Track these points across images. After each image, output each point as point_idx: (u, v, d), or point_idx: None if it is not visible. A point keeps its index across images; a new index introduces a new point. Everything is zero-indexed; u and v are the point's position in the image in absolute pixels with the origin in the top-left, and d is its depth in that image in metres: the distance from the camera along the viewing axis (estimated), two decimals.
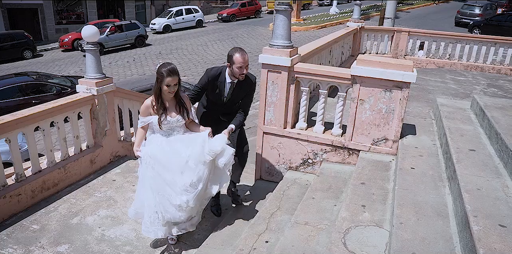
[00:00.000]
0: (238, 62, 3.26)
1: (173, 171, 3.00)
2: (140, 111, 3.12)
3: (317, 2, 35.46)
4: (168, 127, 3.05)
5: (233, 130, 3.40)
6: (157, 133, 3.12)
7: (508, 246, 1.98)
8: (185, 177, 2.99)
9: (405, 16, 26.98)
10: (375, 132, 3.88)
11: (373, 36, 9.24)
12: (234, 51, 3.32)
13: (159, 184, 3.02)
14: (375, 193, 3.13)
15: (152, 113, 3.03)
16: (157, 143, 3.07)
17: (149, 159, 3.02)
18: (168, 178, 3.00)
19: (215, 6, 34.54)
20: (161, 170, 3.00)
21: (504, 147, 3.03)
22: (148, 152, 3.05)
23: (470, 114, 4.27)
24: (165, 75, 2.89)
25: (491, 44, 8.78)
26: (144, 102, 3.08)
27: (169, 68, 2.92)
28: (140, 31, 21.41)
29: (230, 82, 3.43)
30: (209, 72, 3.44)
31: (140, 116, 3.12)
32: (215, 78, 3.42)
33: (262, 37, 21.72)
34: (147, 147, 3.09)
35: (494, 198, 2.48)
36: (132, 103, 4.91)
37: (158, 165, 3.00)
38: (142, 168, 3.11)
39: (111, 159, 4.59)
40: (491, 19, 20.99)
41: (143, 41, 21.54)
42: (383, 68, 3.65)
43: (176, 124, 3.06)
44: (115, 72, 15.98)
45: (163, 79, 2.90)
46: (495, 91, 7.01)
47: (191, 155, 3.00)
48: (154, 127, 3.08)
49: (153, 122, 3.04)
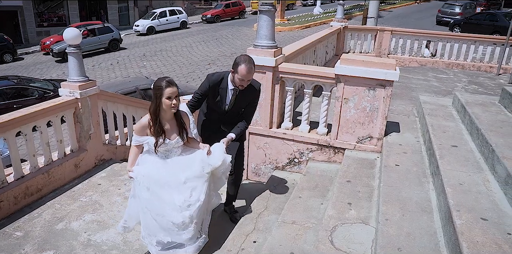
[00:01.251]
0: (241, 74, 3.01)
1: (171, 189, 2.76)
2: (135, 129, 2.82)
3: (301, 2, 35.63)
4: (165, 149, 2.80)
5: (232, 139, 3.18)
6: (151, 153, 2.85)
7: (489, 239, 2.03)
8: (184, 193, 2.77)
9: (388, 15, 27.31)
10: (359, 130, 3.92)
11: (356, 36, 9.33)
12: (241, 61, 3.02)
13: (156, 205, 2.78)
14: (360, 190, 3.17)
15: (149, 134, 2.75)
16: (152, 163, 2.83)
17: (143, 178, 2.78)
18: (166, 197, 2.76)
19: (199, 7, 34.41)
20: (157, 189, 2.76)
21: (484, 142, 3.10)
22: (141, 171, 2.81)
23: (452, 111, 4.35)
24: (163, 86, 2.62)
25: (471, 42, 8.96)
26: (140, 121, 2.80)
27: (167, 80, 2.67)
28: (114, 34, 20.72)
29: (233, 89, 3.18)
30: (210, 78, 3.21)
31: (135, 134, 2.82)
32: (217, 84, 3.18)
33: (247, 37, 21.73)
34: (140, 166, 2.85)
35: (476, 192, 2.53)
36: (117, 106, 4.86)
37: (154, 184, 2.77)
38: (137, 189, 2.86)
39: (96, 162, 4.54)
40: (471, 17, 21.40)
41: (117, 45, 20.79)
42: (366, 67, 3.69)
43: (174, 145, 2.81)
44: (99, 75, 15.78)
45: (162, 92, 2.62)
46: (475, 88, 7.15)
47: (188, 177, 2.78)
48: (149, 147, 2.83)
49: (149, 143, 2.78)
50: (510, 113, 3.78)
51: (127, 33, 26.07)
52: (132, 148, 2.91)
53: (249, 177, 4.50)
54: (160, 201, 2.76)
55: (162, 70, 15.96)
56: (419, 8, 31.33)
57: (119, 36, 21.28)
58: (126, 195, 3.85)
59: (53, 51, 18.99)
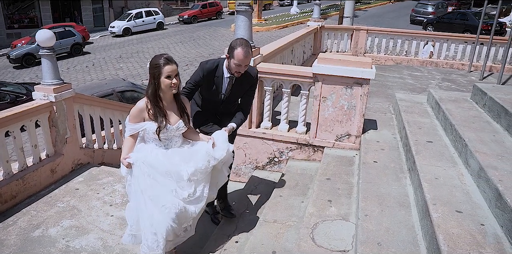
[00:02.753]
0: (238, 59, 2.78)
1: (173, 180, 2.51)
2: (130, 115, 2.54)
3: (278, 3, 35.83)
4: (165, 136, 2.54)
5: (233, 128, 2.99)
6: (150, 142, 2.59)
7: (464, 230, 2.09)
8: (188, 188, 2.53)
9: (363, 14, 27.74)
10: (338, 128, 3.98)
11: (333, 35, 9.45)
12: (237, 44, 2.80)
13: (160, 193, 2.49)
14: (340, 187, 3.21)
15: (146, 118, 2.51)
16: (151, 151, 2.57)
17: (143, 165, 2.49)
18: (171, 186, 2.49)
19: (175, 8, 34.13)
20: (159, 177, 2.50)
21: (458, 137, 3.19)
22: (141, 157, 2.52)
23: (426, 108, 4.46)
24: (162, 64, 2.38)
25: (444, 40, 9.19)
26: (136, 105, 2.53)
27: (165, 56, 2.42)
28: (76, 38, 19.98)
29: (229, 76, 2.96)
30: (204, 66, 2.96)
31: (129, 122, 2.56)
32: (211, 72, 2.95)
33: (224, 38, 21.69)
34: (137, 153, 2.57)
35: (451, 186, 2.61)
36: (93, 109, 4.78)
37: (155, 172, 2.50)
38: (135, 178, 2.54)
39: (73, 167, 4.44)
40: (443, 17, 22.00)
41: (80, 49, 20.03)
42: (343, 65, 3.74)
43: (175, 132, 2.56)
44: (74, 78, 15.45)
45: (160, 70, 2.38)
46: (449, 85, 7.35)
47: (192, 172, 2.52)
48: (147, 135, 2.56)
49: (147, 129, 2.51)
50: (481, 109, 3.90)
51: (102, 34, 25.63)
52: (127, 139, 2.63)
53: (230, 178, 4.50)
54: (164, 188, 2.49)
55: (139, 72, 15.75)
56: (393, 8, 31.97)
57: (82, 40, 20.48)
58: (105, 199, 3.79)
59: (10, 57, 17.99)
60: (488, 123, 3.46)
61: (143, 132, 2.56)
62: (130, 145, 2.61)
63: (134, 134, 2.60)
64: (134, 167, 2.53)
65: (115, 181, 4.12)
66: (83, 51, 20.30)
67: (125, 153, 2.60)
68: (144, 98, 2.52)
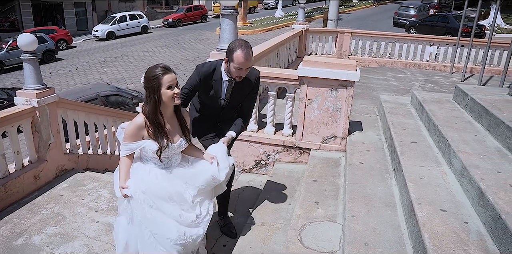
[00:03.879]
0: (238, 62, 2.57)
1: (176, 205, 2.30)
2: (126, 133, 2.29)
3: (263, 6, 36.01)
4: (166, 155, 2.32)
5: (233, 137, 2.80)
6: (147, 161, 2.36)
7: (448, 228, 2.13)
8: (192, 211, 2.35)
9: (347, 17, 28.07)
10: (324, 130, 4.00)
11: (318, 38, 9.53)
12: (236, 46, 2.58)
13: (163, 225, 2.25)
14: (327, 189, 3.23)
15: (146, 136, 2.26)
16: (149, 173, 2.33)
17: (144, 196, 2.23)
18: (175, 212, 2.28)
19: (160, 11, 33.99)
20: (161, 204, 2.26)
21: (441, 137, 3.25)
22: (140, 186, 2.25)
23: (410, 109, 4.52)
24: (160, 74, 2.14)
25: (426, 42, 9.36)
26: (133, 121, 2.27)
27: (162, 66, 2.20)
28: (48, 45, 19.30)
29: (228, 80, 2.75)
30: (200, 70, 2.75)
31: (125, 140, 2.30)
32: (209, 76, 2.74)
33: (209, 41, 21.68)
34: (135, 180, 2.31)
35: (435, 185, 2.65)
36: (77, 114, 4.71)
37: (157, 199, 2.26)
38: (137, 212, 2.27)
39: (57, 173, 4.37)
40: (425, 19, 22.43)
41: (52, 56, 19.46)
42: (328, 68, 3.77)
43: (175, 151, 2.35)
44: (57, 82, 15.24)
45: (160, 81, 2.13)
46: (431, 86, 7.47)
47: (197, 195, 2.36)
48: (145, 153, 2.32)
49: (146, 148, 2.27)
50: (463, 109, 3.97)
51: (85, 38, 25.36)
52: (123, 160, 2.34)
53: None
54: (168, 218, 2.26)
55: (123, 76, 15.62)
56: (376, 11, 32.43)
57: (54, 47, 19.82)
58: (90, 205, 3.73)
59: None
60: (470, 123, 3.53)
61: (140, 150, 2.33)
62: (127, 167, 2.35)
63: (131, 154, 2.34)
64: (134, 201, 2.27)
65: (100, 187, 4.06)
66: (55, 58, 19.67)
67: (123, 178, 2.33)
68: (139, 114, 2.28)
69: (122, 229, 2.39)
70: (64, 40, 22.44)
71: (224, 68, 2.73)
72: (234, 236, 3.04)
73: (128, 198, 2.28)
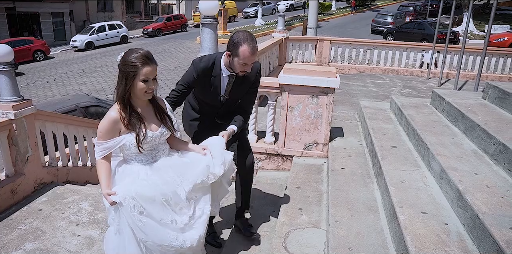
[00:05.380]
0: (245, 57, 2.35)
1: (170, 206, 2.13)
2: (101, 131, 2.06)
3: (243, 15, 36.28)
4: (150, 146, 2.13)
5: (234, 132, 2.56)
6: (131, 161, 2.16)
7: (430, 230, 2.17)
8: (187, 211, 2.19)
9: (326, 25, 28.54)
10: (306, 137, 4.04)
11: (298, 46, 9.65)
12: (241, 40, 2.35)
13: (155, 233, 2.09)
14: (310, 195, 3.25)
15: (123, 130, 2.06)
16: (138, 174, 2.13)
17: (134, 202, 2.03)
18: (168, 217, 2.11)
19: (139, 21, 33.86)
20: (153, 209, 2.07)
21: (420, 141, 3.31)
22: (129, 191, 2.03)
23: (390, 114, 4.61)
24: (139, 64, 1.95)
25: (403, 49, 9.60)
26: (106, 116, 2.06)
27: (143, 54, 1.97)
28: None
29: (229, 75, 2.53)
30: (197, 65, 2.51)
31: (100, 140, 2.07)
32: (207, 72, 2.51)
33: (190, 50, 21.67)
34: (123, 185, 2.09)
35: (416, 189, 2.70)
36: (56, 126, 4.63)
37: (149, 204, 2.06)
38: (125, 220, 2.07)
39: (36, 187, 4.26)
40: (402, 26, 23.01)
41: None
42: (308, 75, 3.82)
43: (159, 140, 2.15)
44: (34, 94, 14.92)
45: (137, 71, 1.95)
46: (410, 91, 7.64)
47: (192, 190, 2.17)
48: (128, 151, 2.12)
49: (126, 145, 2.08)
50: (440, 114, 4.07)
51: (63, 49, 25.02)
52: (100, 164, 2.12)
53: None
54: (160, 226, 2.09)
55: (103, 87, 15.43)
56: (354, 18, 33.08)
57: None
58: (71, 218, 3.65)
59: None
60: (447, 127, 3.62)
61: (120, 149, 2.12)
62: (108, 170, 2.11)
63: (108, 155, 2.10)
64: (123, 208, 2.04)
65: (81, 199, 3.98)
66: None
67: (105, 184, 2.09)
68: (113, 106, 2.08)
69: (111, 240, 2.24)
70: (41, 51, 22.07)
71: (225, 63, 2.50)
72: (218, 245, 2.91)
73: (116, 205, 2.07)
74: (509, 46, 16.77)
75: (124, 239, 2.15)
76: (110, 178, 2.13)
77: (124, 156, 2.18)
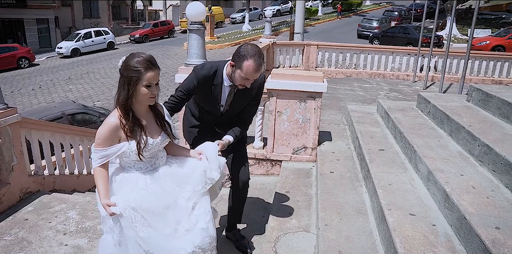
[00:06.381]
0: (247, 72, 2.30)
1: (171, 215, 2.06)
2: (100, 138, 1.98)
3: (230, 20, 36.41)
4: (150, 154, 2.07)
5: (229, 142, 2.52)
6: (130, 168, 2.09)
7: (418, 232, 2.19)
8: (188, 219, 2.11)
9: (313, 30, 28.79)
10: (294, 141, 4.05)
11: (285, 51, 9.72)
12: (248, 54, 2.28)
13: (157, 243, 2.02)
14: (299, 199, 3.25)
15: (123, 138, 1.99)
16: (138, 183, 2.06)
17: (134, 213, 1.97)
18: (170, 226, 2.04)
19: (126, 27, 33.74)
20: (155, 220, 2.01)
21: (407, 144, 3.35)
22: (129, 202, 1.97)
23: (377, 118, 4.66)
24: (142, 69, 1.90)
25: (389, 53, 9.74)
26: (105, 122, 1.98)
27: (146, 58, 1.93)
28: None
29: (230, 85, 2.47)
30: (198, 72, 2.45)
31: (98, 147, 1.99)
32: (208, 80, 2.45)
33: (178, 56, 21.63)
34: (123, 195, 2.02)
35: (404, 191, 2.72)
36: (42, 134, 4.56)
37: (150, 214, 2.00)
38: (127, 231, 2.00)
39: (21, 196, 4.18)
40: (387, 31, 23.35)
41: None
42: (296, 80, 3.85)
43: (159, 147, 2.10)
44: (19, 102, 14.70)
45: (140, 76, 1.90)
46: (396, 95, 7.74)
47: (190, 197, 2.12)
48: (126, 159, 2.05)
49: (126, 152, 2.01)
50: (426, 116, 4.13)
51: (49, 55, 24.75)
52: (98, 172, 2.03)
53: None
54: (163, 235, 2.02)
55: (90, 93, 15.29)
56: (341, 23, 33.45)
57: None
58: (58, 227, 3.59)
59: None
60: (433, 129, 3.67)
61: (118, 156, 2.05)
62: (105, 179, 2.03)
63: (106, 163, 2.02)
64: (124, 220, 1.98)
65: (68, 208, 3.92)
66: None
67: (104, 193, 2.01)
68: (113, 113, 2.00)
69: (110, 251, 2.15)
70: (26, 58, 21.79)
71: (227, 73, 2.43)
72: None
73: (116, 216, 1.99)
74: (491, 50, 17.13)
75: (127, 251, 2.06)
76: (108, 187, 2.05)
77: (122, 163, 2.11)
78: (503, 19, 28.26)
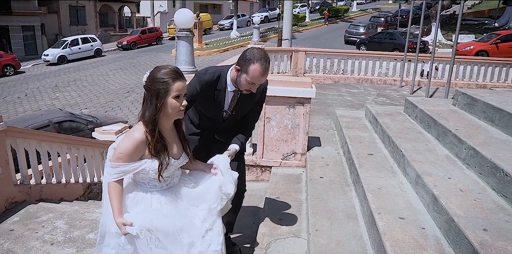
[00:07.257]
0: (254, 77, 2.24)
1: (186, 236, 2.00)
2: (122, 153, 1.88)
3: (218, 27, 36.53)
4: (168, 174, 2.00)
5: (236, 151, 2.49)
6: (144, 185, 2.00)
7: (408, 235, 2.20)
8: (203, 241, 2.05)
9: (301, 36, 29.02)
10: (284, 147, 4.06)
11: (273, 57, 9.76)
12: (255, 57, 2.23)
13: None
14: (290, 205, 3.25)
15: (146, 155, 1.90)
16: (152, 202, 1.98)
17: (150, 234, 1.90)
18: (183, 249, 1.98)
19: (113, 34, 33.59)
20: (169, 242, 1.95)
21: (395, 148, 3.39)
22: (147, 224, 1.89)
23: (365, 123, 4.69)
24: (170, 80, 1.82)
25: (376, 58, 9.86)
26: (131, 136, 1.87)
27: (172, 69, 1.86)
28: None
29: (234, 90, 2.40)
30: (201, 77, 2.38)
31: (119, 161, 1.88)
32: (212, 85, 2.38)
33: (166, 63, 21.39)
34: (139, 215, 1.93)
35: (393, 195, 2.74)
36: (28, 142, 4.49)
37: (165, 236, 1.94)
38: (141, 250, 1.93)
39: (7, 206, 4.10)
40: (374, 37, 23.67)
41: None
42: (285, 86, 3.87)
43: (177, 167, 2.06)
44: (4, 110, 14.48)
45: (168, 87, 1.81)
46: (384, 100, 7.82)
47: (207, 218, 2.07)
48: (143, 175, 1.96)
49: (145, 169, 1.92)
50: (413, 121, 4.18)
51: (35, 63, 24.47)
52: (113, 187, 1.92)
53: None
54: None
55: (77, 101, 15.13)
56: (328, 29, 33.80)
57: None
58: (45, 238, 3.52)
59: None
60: (420, 133, 3.72)
61: (139, 172, 1.96)
62: (120, 196, 1.93)
63: (121, 179, 1.94)
64: (139, 240, 1.91)
65: (55, 218, 3.85)
66: None
67: (118, 211, 1.91)
68: (137, 126, 1.90)
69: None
70: (11, 66, 21.52)
71: (231, 78, 2.37)
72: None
73: (129, 235, 1.91)
74: (475, 55, 17.47)
75: None
76: (122, 204, 1.95)
77: (136, 179, 2.01)
78: (485, 24, 28.89)
